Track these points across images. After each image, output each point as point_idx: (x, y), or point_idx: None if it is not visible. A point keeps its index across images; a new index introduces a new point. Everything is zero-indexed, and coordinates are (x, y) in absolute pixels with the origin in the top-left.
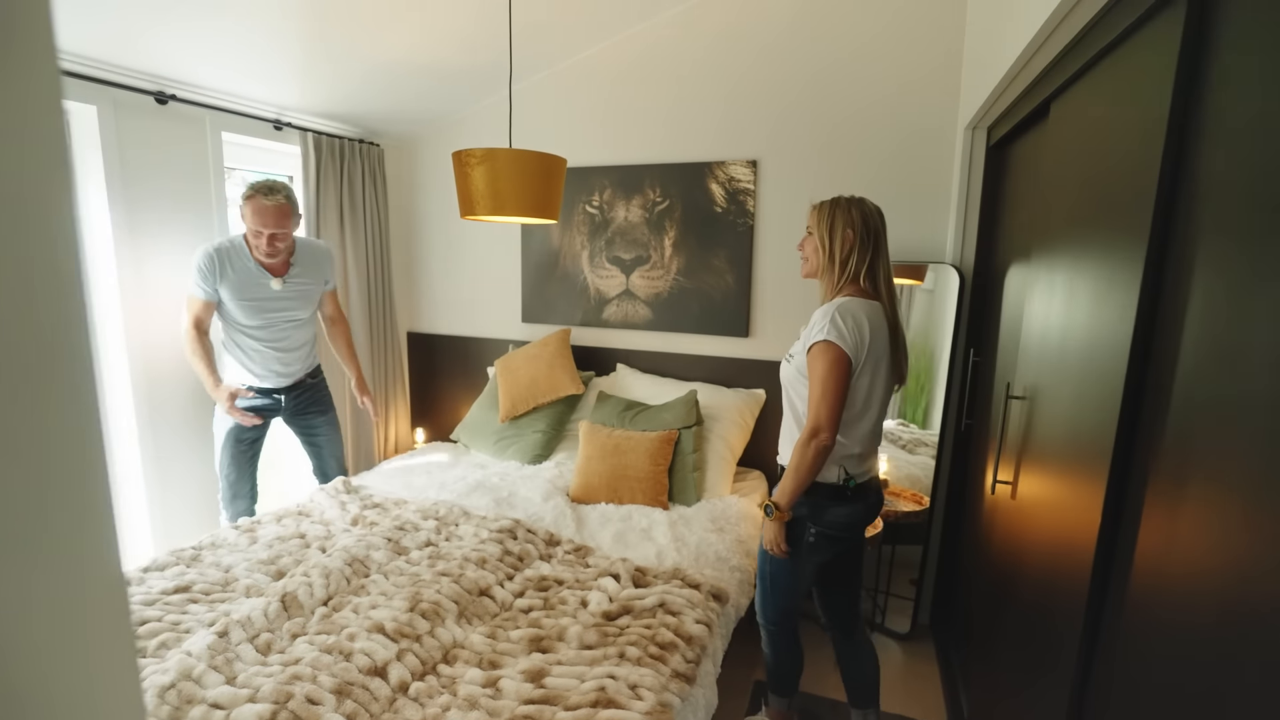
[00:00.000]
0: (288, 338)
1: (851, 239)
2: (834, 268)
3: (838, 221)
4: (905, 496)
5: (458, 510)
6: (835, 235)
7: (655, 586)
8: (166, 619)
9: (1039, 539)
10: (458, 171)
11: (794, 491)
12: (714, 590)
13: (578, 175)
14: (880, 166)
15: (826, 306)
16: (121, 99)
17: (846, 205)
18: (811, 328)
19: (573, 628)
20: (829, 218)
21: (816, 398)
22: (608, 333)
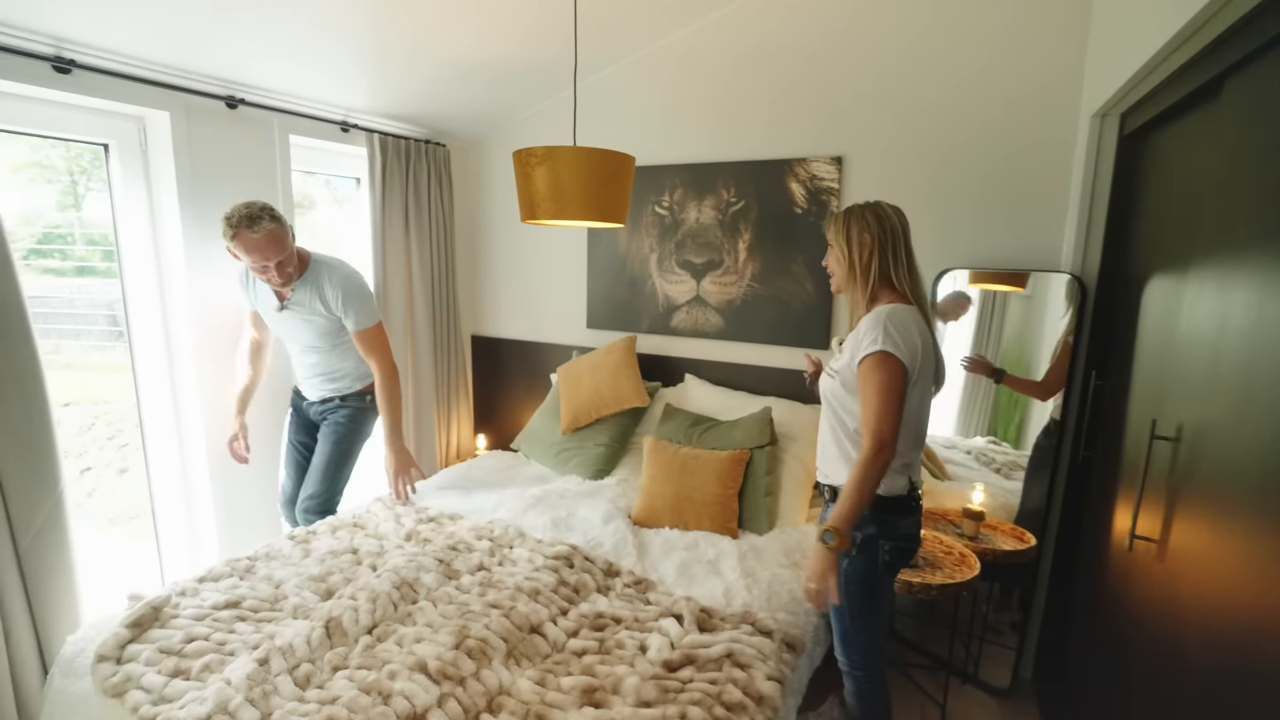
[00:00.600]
0: (300, 359)
1: (870, 243)
2: (857, 275)
3: (853, 228)
4: (1003, 531)
5: (513, 530)
6: (853, 243)
7: (722, 632)
8: (214, 637)
9: (1208, 613)
10: (518, 172)
11: (856, 513)
12: (787, 639)
13: (646, 174)
14: (982, 161)
15: (874, 315)
16: (194, 104)
17: (861, 211)
18: (860, 338)
19: (629, 679)
20: (844, 227)
21: (877, 411)
22: (676, 341)
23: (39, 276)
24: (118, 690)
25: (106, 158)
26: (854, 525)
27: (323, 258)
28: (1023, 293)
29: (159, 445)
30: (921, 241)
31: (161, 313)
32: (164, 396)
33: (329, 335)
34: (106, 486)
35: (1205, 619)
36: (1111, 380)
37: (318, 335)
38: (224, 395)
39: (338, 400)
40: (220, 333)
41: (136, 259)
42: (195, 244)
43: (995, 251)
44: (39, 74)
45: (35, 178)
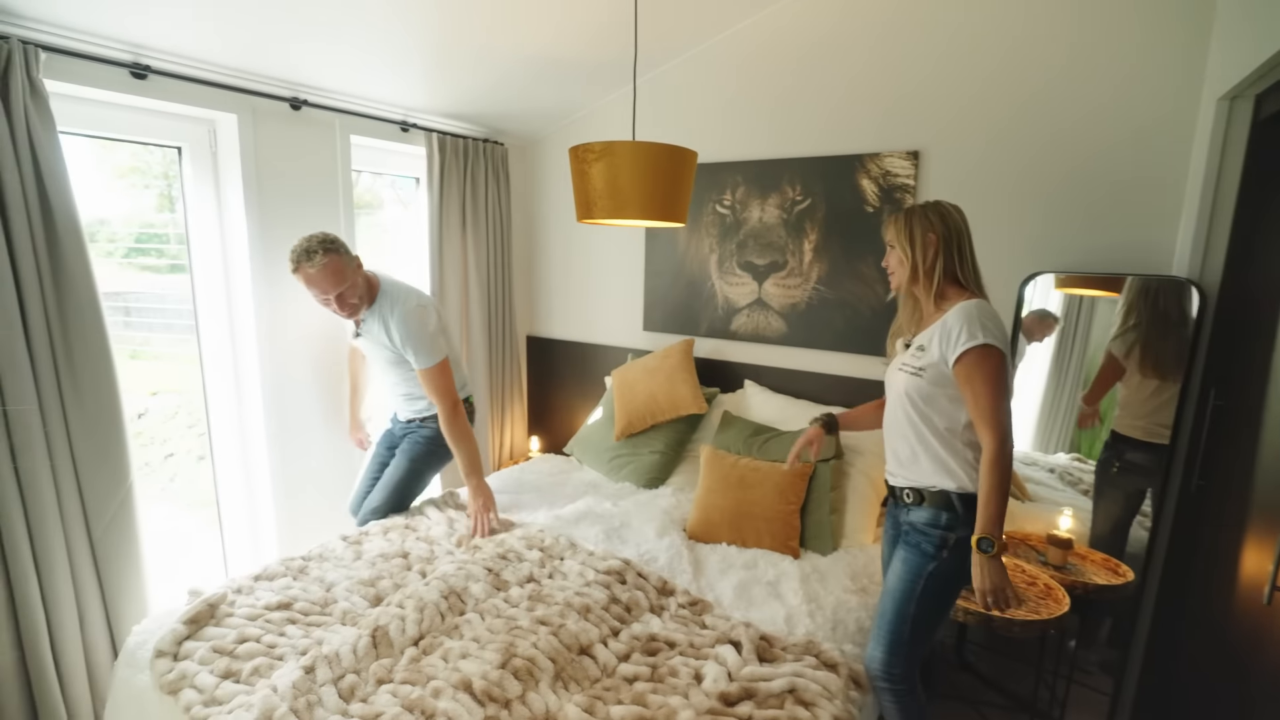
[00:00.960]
0: (381, 379)
1: (935, 242)
2: (921, 276)
3: (916, 228)
4: (1094, 561)
5: (564, 541)
6: (916, 243)
7: (784, 664)
8: (264, 639)
9: None
10: (574, 169)
11: (1002, 514)
12: (855, 675)
13: (707, 172)
14: (1081, 153)
15: (961, 311)
16: (260, 106)
17: (922, 211)
18: (950, 334)
19: (684, 712)
20: (906, 227)
21: (992, 406)
22: (736, 345)
23: (138, 274)
24: (173, 687)
25: (180, 160)
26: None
27: (391, 287)
28: (1116, 298)
29: (223, 436)
30: (1006, 243)
31: (227, 308)
32: (228, 389)
33: (402, 363)
34: (187, 472)
35: None
36: (1237, 401)
37: (390, 363)
38: (285, 389)
39: (419, 421)
40: (283, 329)
41: (205, 256)
42: (259, 242)
43: (1091, 254)
44: (118, 80)
45: (135, 182)
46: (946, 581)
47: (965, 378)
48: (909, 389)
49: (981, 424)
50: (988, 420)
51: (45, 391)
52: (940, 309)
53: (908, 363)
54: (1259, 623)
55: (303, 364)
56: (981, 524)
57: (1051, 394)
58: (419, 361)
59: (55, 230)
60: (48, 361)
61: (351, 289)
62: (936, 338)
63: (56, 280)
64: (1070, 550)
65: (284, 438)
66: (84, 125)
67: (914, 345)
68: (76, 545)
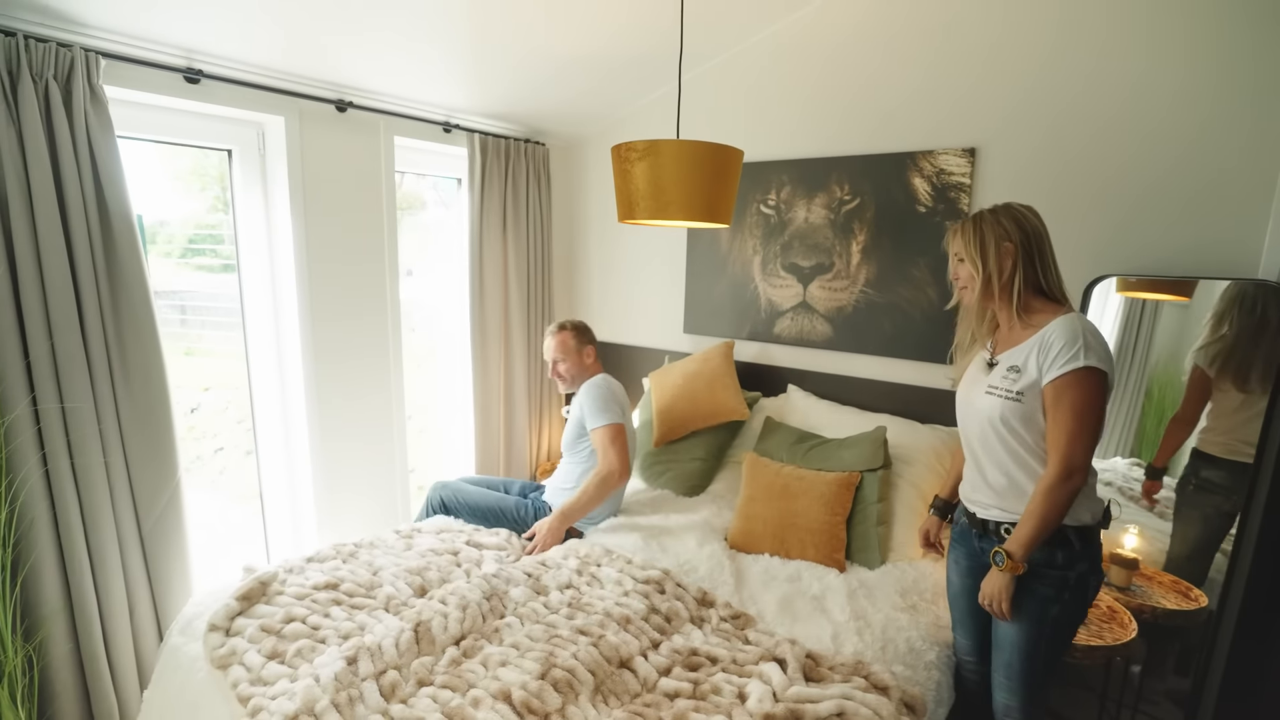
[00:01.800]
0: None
1: (1013, 251)
2: (998, 290)
3: (988, 236)
4: (1162, 583)
5: (600, 549)
6: (990, 254)
7: (831, 686)
8: (310, 620)
9: None
10: (616, 169)
11: (1033, 541)
12: (907, 699)
13: (752, 171)
14: (1155, 150)
15: (1066, 325)
16: (306, 109)
17: (993, 217)
18: (1050, 349)
19: None
20: (976, 236)
21: (1070, 433)
22: (779, 349)
23: (194, 273)
24: (223, 662)
25: (230, 162)
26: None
27: (600, 377)
28: (1185, 302)
29: (267, 431)
30: (1072, 245)
31: (273, 306)
32: (273, 386)
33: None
34: (235, 466)
35: None
36: None
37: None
38: (328, 388)
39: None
40: (327, 329)
41: (253, 255)
42: (304, 241)
43: (1164, 256)
44: (172, 85)
45: (192, 184)
46: (1072, 622)
47: (1054, 399)
48: (1005, 414)
49: (1053, 449)
50: (1058, 446)
51: (100, 389)
52: (1028, 323)
53: (998, 385)
54: None
55: (346, 363)
56: (1016, 541)
57: (1111, 404)
58: (593, 419)
59: (112, 232)
60: (102, 360)
61: (567, 365)
62: (1034, 355)
63: (112, 281)
64: (1136, 571)
65: (326, 436)
66: (140, 129)
67: (1002, 365)
68: (128, 539)
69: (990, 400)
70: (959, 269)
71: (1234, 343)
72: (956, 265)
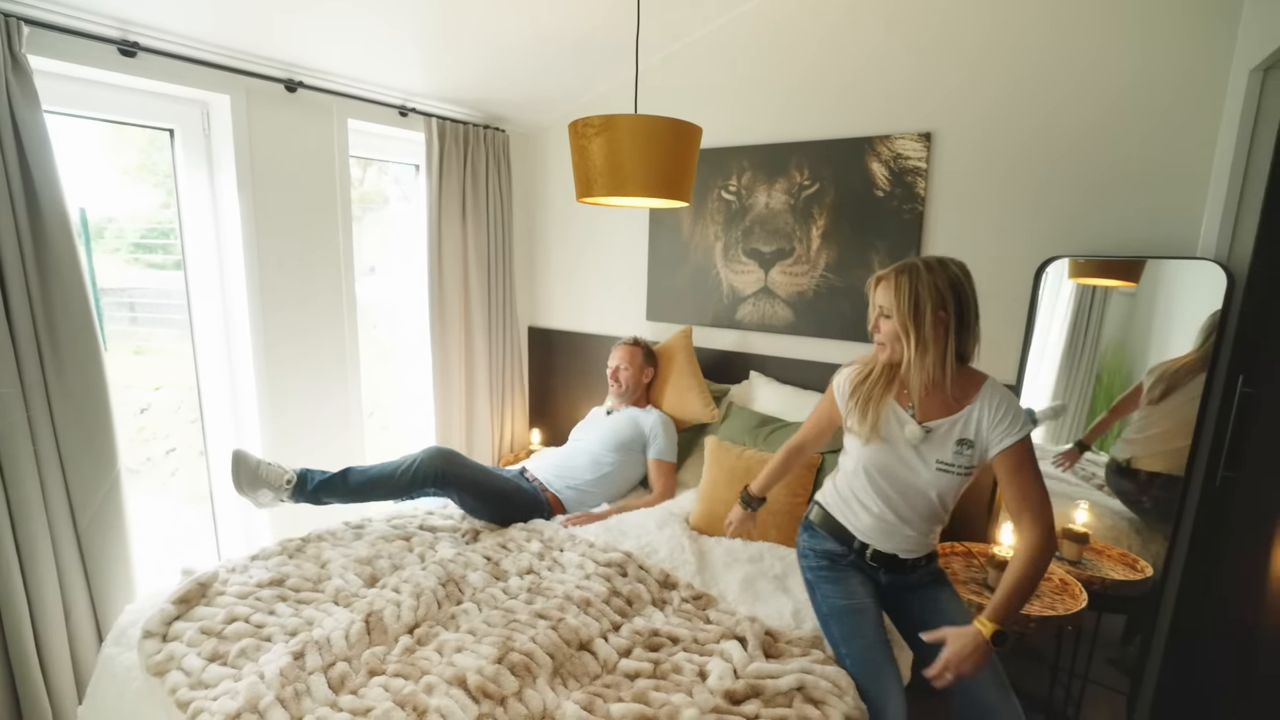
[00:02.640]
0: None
1: (945, 320)
2: (932, 358)
3: (926, 303)
4: (1110, 557)
5: (564, 534)
6: (925, 321)
7: (791, 659)
8: (253, 619)
9: None
10: (574, 145)
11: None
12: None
13: (713, 157)
14: (1102, 131)
15: (999, 395)
16: (254, 87)
17: (930, 278)
18: (1000, 422)
19: (687, 711)
20: (911, 298)
21: (1042, 498)
22: (741, 335)
23: (144, 270)
24: (160, 669)
25: (172, 143)
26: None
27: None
28: (1131, 289)
29: (218, 431)
30: (1023, 228)
31: (222, 301)
32: (223, 384)
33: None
34: (189, 466)
35: None
36: (1268, 390)
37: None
38: (281, 385)
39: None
40: (279, 323)
41: (199, 246)
42: (253, 230)
43: (1111, 238)
44: (105, 57)
45: (142, 179)
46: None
47: (1016, 466)
48: (953, 487)
49: (1031, 515)
50: (1037, 511)
51: (29, 378)
52: (958, 391)
53: (952, 463)
54: None
55: (299, 358)
56: (1007, 613)
57: (1063, 376)
58: (665, 453)
59: (40, 211)
60: (31, 348)
61: (628, 373)
62: (981, 425)
63: (41, 264)
64: (1086, 545)
65: (279, 434)
66: (71, 104)
67: (949, 438)
68: (62, 535)
69: (944, 476)
70: (882, 324)
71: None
72: (880, 318)
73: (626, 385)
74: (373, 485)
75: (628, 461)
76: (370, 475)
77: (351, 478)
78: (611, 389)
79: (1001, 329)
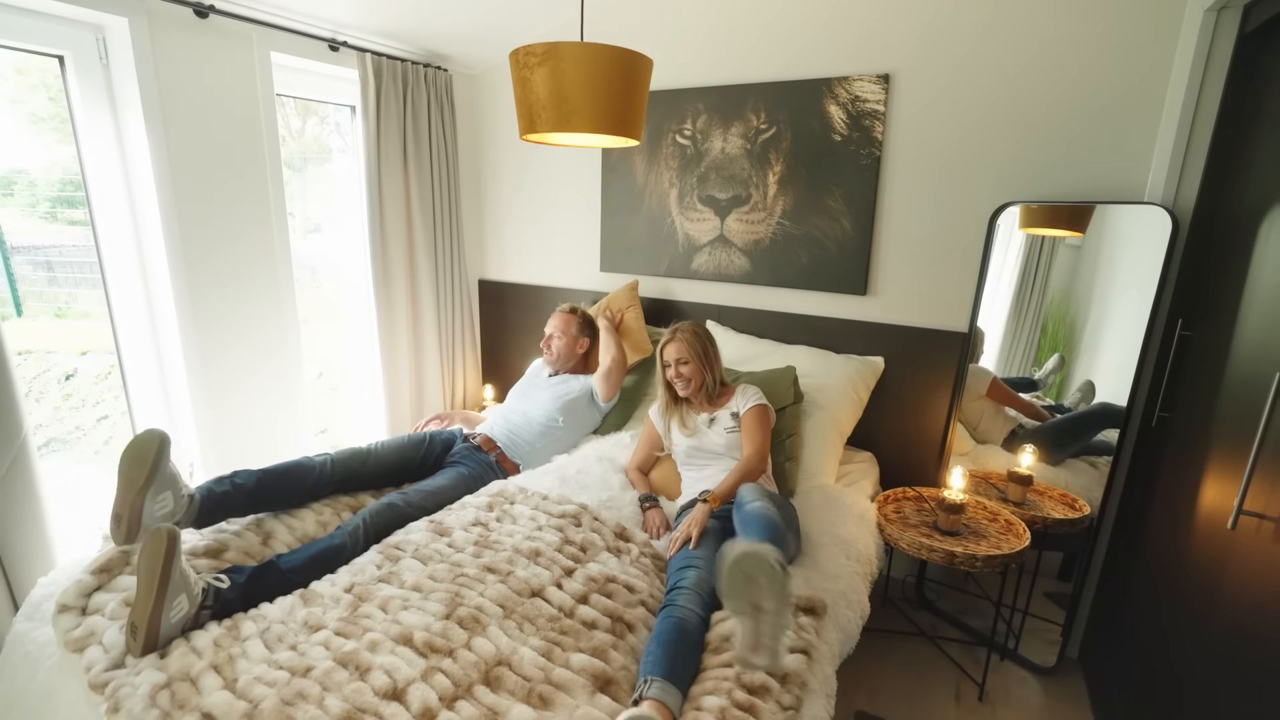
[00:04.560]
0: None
1: (716, 355)
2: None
3: (710, 348)
4: (1052, 498)
5: (514, 487)
6: (714, 361)
7: None
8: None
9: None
10: (516, 76)
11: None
12: (804, 603)
13: (667, 99)
14: (1052, 75)
15: (746, 387)
16: (156, 10)
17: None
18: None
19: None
20: (700, 346)
21: (764, 441)
22: (697, 285)
23: (65, 228)
24: (79, 645)
25: (63, 72)
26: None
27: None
28: (1076, 240)
29: (144, 397)
30: (978, 173)
31: (138, 256)
32: (147, 347)
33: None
34: (122, 435)
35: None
36: (1205, 331)
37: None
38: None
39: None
40: (204, 278)
41: (107, 197)
42: (167, 176)
43: (1062, 183)
44: None
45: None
46: None
47: (751, 424)
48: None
49: (750, 445)
50: (756, 445)
51: None
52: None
53: (730, 425)
54: (1223, 546)
55: (230, 319)
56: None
57: (1010, 336)
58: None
59: None
60: None
61: (561, 342)
62: (738, 405)
63: None
64: (1030, 487)
65: (213, 399)
66: None
67: (723, 417)
68: None
69: (732, 435)
70: (683, 368)
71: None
72: (679, 365)
73: (558, 354)
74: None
75: (579, 417)
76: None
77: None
78: (544, 356)
79: (957, 277)
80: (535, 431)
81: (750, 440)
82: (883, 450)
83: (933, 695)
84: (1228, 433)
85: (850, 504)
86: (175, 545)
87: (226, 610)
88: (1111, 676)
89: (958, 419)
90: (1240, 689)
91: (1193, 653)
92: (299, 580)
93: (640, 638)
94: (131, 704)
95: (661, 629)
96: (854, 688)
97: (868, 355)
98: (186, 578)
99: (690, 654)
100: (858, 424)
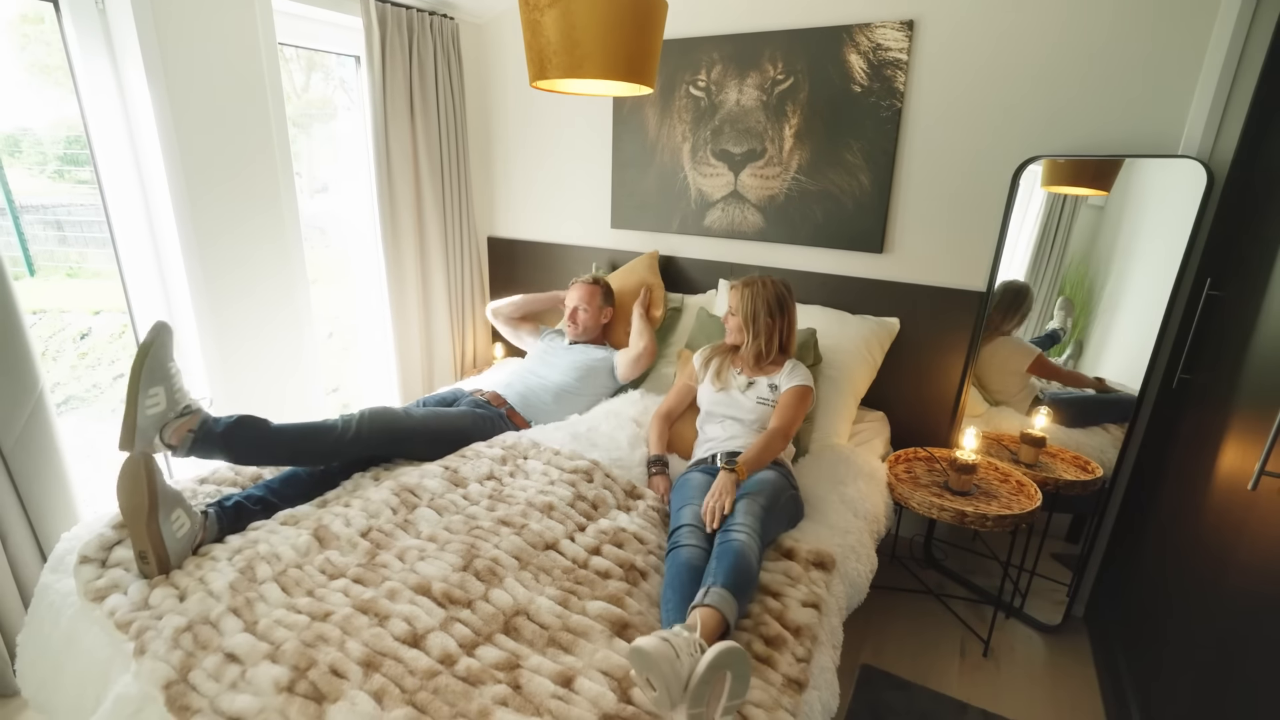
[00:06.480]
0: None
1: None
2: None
3: (760, 313)
4: (1064, 459)
5: (527, 441)
6: (760, 327)
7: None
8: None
9: None
10: (525, 19)
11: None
12: (814, 557)
13: (680, 48)
14: (1085, 23)
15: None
16: None
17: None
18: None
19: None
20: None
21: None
22: (710, 243)
23: (74, 186)
24: (100, 594)
25: (58, 14)
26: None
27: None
28: (1099, 200)
29: None
30: (1003, 126)
31: (146, 214)
32: (158, 306)
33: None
34: None
35: None
36: (1235, 290)
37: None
38: (222, 303)
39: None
40: (213, 237)
41: (111, 153)
42: (172, 132)
43: (1092, 136)
44: None
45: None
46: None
47: (787, 401)
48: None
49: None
50: (784, 422)
51: None
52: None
53: (767, 398)
54: (1243, 508)
55: (239, 275)
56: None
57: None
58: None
59: None
60: None
61: (587, 315)
62: (783, 379)
63: None
64: (1043, 449)
65: (225, 358)
66: None
67: (761, 386)
68: None
69: (763, 408)
70: (728, 319)
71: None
72: (728, 315)
73: (584, 327)
74: (301, 435)
75: (597, 386)
76: (298, 426)
77: (272, 424)
78: (568, 330)
79: (976, 235)
80: (551, 394)
81: (781, 416)
82: (894, 409)
83: (938, 650)
84: (1254, 393)
85: (860, 463)
86: (151, 462)
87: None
88: (1116, 634)
89: (971, 381)
90: (1256, 648)
91: (1203, 610)
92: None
93: (653, 584)
94: (157, 645)
95: (721, 550)
96: (860, 642)
97: (883, 315)
98: (179, 495)
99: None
100: (873, 385)
